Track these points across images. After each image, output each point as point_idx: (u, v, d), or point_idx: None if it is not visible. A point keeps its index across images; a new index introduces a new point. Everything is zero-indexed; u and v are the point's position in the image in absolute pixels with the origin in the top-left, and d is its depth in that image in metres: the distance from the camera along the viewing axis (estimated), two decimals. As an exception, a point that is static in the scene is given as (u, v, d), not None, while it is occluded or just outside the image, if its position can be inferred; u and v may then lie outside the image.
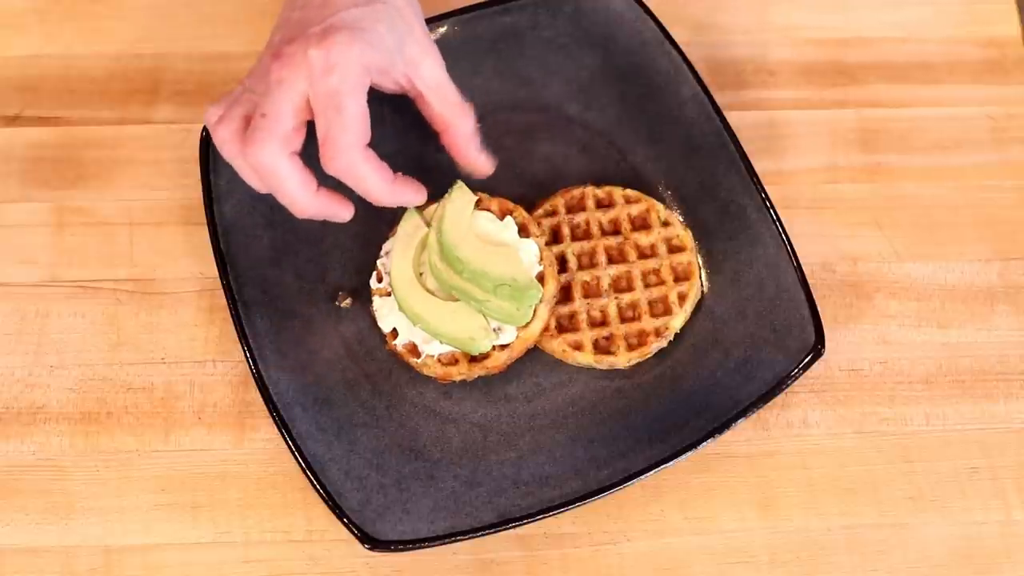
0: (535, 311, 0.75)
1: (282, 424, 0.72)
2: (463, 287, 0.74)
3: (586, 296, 0.78)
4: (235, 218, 0.78)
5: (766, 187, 0.77)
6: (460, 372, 0.75)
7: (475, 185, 0.78)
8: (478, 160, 0.76)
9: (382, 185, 0.70)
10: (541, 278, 0.75)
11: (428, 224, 0.77)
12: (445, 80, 0.74)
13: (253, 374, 0.73)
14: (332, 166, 0.67)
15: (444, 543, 0.70)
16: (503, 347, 0.75)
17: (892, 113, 0.86)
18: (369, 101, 0.68)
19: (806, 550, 0.73)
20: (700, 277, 0.78)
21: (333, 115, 0.66)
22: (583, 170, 0.82)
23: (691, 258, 0.78)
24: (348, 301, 0.77)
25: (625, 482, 0.70)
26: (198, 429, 0.76)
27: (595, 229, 0.79)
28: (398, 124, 0.82)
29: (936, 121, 0.85)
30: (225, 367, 0.78)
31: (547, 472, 0.73)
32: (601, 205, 0.80)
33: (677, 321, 0.76)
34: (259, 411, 0.75)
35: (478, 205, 0.77)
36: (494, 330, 0.74)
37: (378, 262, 0.78)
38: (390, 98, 0.82)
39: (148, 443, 0.75)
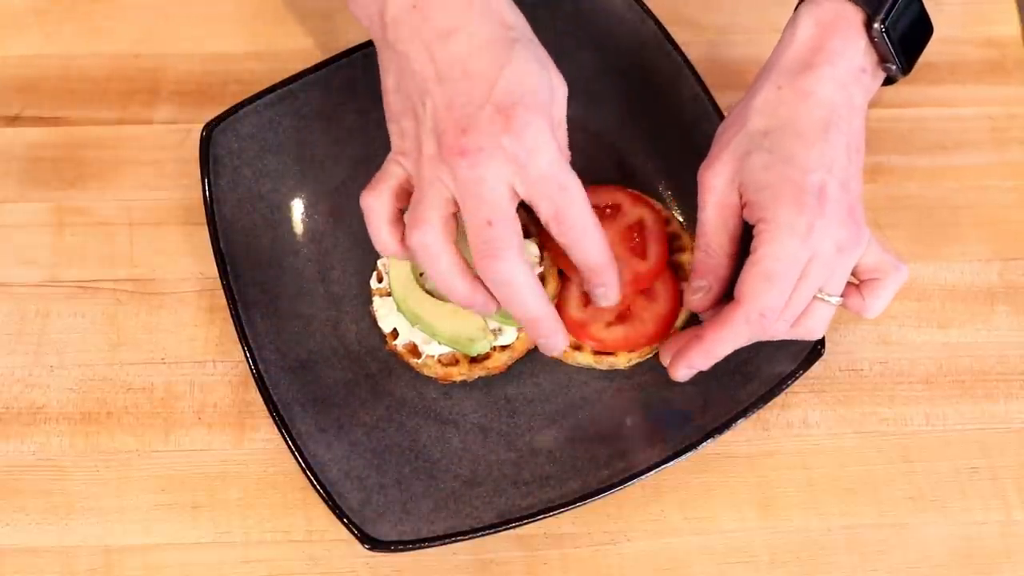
0: (535, 311, 0.75)
1: (282, 424, 0.72)
2: (463, 287, 0.74)
3: (586, 296, 0.77)
4: (235, 218, 0.78)
5: (766, 187, 0.77)
6: (460, 373, 0.75)
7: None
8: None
9: (604, 248, 0.65)
10: (541, 278, 0.75)
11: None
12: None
13: (253, 374, 0.73)
14: (575, 242, 0.64)
15: (444, 543, 0.70)
16: (504, 348, 0.74)
17: (893, 113, 0.85)
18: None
19: (806, 550, 0.73)
20: (700, 277, 0.78)
21: (560, 194, 0.63)
22: (583, 170, 0.81)
23: (691, 258, 0.78)
24: None
25: (625, 482, 0.70)
26: (198, 429, 0.76)
27: (595, 229, 0.79)
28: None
29: (937, 121, 0.85)
30: (225, 367, 0.77)
31: (547, 472, 0.73)
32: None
33: (678, 321, 0.76)
34: (259, 411, 0.75)
35: (478, 205, 0.77)
36: (494, 331, 0.74)
37: (378, 262, 0.78)
38: (379, 100, 0.82)
39: (148, 443, 0.75)
